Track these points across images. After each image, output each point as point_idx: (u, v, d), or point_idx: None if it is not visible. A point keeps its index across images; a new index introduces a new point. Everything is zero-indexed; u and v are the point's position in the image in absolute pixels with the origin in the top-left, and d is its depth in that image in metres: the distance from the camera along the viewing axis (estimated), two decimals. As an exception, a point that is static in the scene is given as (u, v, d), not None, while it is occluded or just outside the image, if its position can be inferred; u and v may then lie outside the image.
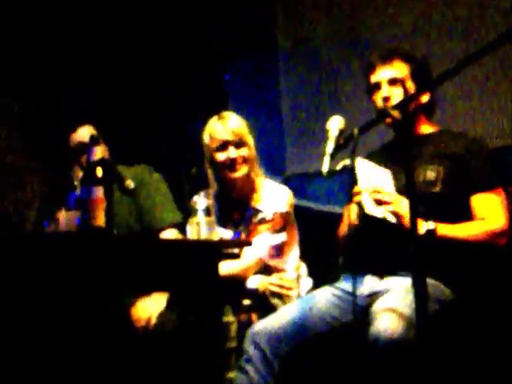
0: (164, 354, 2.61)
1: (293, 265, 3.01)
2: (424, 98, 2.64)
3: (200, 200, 2.51)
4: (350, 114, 2.47)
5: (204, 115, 3.15)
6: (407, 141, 2.05)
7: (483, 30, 3.43)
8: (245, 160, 2.98)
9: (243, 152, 2.98)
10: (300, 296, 2.90)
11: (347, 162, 2.36)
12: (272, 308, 2.81)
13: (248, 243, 2.61)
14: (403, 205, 2.40)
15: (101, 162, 2.50)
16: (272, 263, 2.97)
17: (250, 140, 3.02)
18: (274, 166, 3.97)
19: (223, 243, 2.64)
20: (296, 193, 3.17)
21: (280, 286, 2.91)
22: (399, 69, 2.61)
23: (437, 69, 2.63)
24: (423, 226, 2.40)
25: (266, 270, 2.96)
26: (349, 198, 2.49)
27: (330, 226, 2.82)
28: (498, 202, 2.52)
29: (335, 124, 2.32)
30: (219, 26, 4.39)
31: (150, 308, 2.79)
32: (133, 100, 4.15)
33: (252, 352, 2.47)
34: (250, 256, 2.90)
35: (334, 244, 2.77)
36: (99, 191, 2.41)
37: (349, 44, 3.99)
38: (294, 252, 3.04)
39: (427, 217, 2.42)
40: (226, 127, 2.98)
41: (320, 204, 3.96)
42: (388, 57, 2.63)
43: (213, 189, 3.03)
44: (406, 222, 2.37)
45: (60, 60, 3.92)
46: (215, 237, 2.52)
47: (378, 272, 2.55)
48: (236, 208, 3.03)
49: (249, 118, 3.11)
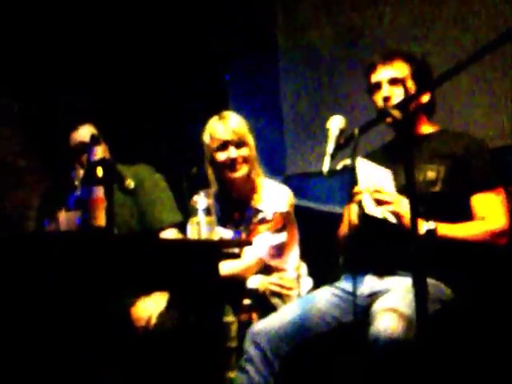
0: (164, 354, 2.61)
1: (293, 265, 3.01)
2: (424, 98, 2.64)
3: (200, 200, 2.51)
4: (350, 114, 2.46)
5: (204, 115, 3.14)
6: (407, 140, 2.04)
7: (484, 30, 3.44)
8: (245, 160, 2.98)
9: (243, 152, 2.97)
10: (300, 296, 2.91)
11: (347, 162, 2.36)
12: (272, 308, 2.81)
13: (248, 243, 2.60)
14: (403, 205, 2.40)
15: (101, 162, 2.50)
16: (272, 263, 2.97)
17: (251, 140, 3.02)
18: (274, 166, 3.97)
19: (223, 243, 2.64)
20: (296, 193, 3.16)
21: (280, 286, 2.91)
22: (400, 69, 2.61)
23: (437, 69, 2.64)
24: (423, 226, 2.40)
25: (267, 270, 2.96)
26: (349, 198, 2.49)
27: (331, 226, 2.82)
28: (498, 202, 2.52)
29: (336, 123, 2.31)
30: (219, 26, 4.39)
31: (150, 308, 2.79)
32: (133, 100, 4.14)
33: (252, 352, 2.47)
34: (251, 256, 2.90)
35: (335, 244, 2.77)
36: (99, 191, 2.40)
37: (349, 44, 3.99)
38: (295, 252, 3.04)
39: (427, 217, 2.42)
40: (227, 127, 2.98)
41: (320, 204, 3.95)
42: (389, 57, 2.63)
43: (213, 189, 3.03)
44: (407, 222, 2.37)
45: (60, 60, 3.92)
46: (215, 237, 2.52)
47: (379, 272, 2.55)
48: (236, 208, 3.03)
49: (249, 118, 3.11)
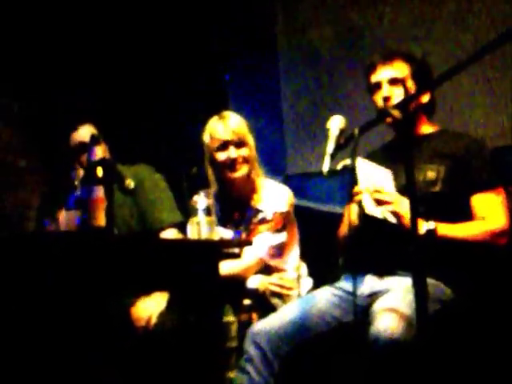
0: (164, 354, 2.61)
1: (293, 265, 3.01)
2: (424, 98, 2.64)
3: (200, 200, 2.50)
4: (350, 114, 2.46)
5: (204, 115, 3.14)
6: (407, 140, 2.04)
7: (484, 30, 3.43)
8: (245, 160, 2.98)
9: (243, 152, 2.97)
10: (300, 296, 2.90)
11: (348, 162, 2.36)
12: (272, 308, 2.81)
13: (248, 243, 2.59)
14: (403, 205, 2.40)
15: (101, 162, 2.50)
16: (272, 263, 2.97)
17: (251, 140, 3.02)
18: (275, 166, 3.96)
19: (223, 243, 2.63)
20: (296, 193, 3.17)
21: (280, 286, 2.91)
22: (400, 69, 2.61)
23: (437, 69, 2.64)
24: (423, 226, 2.40)
25: (267, 270, 2.96)
26: (349, 198, 2.49)
27: (331, 226, 2.82)
28: (498, 202, 2.52)
29: (336, 123, 2.31)
30: (219, 26, 4.39)
31: (150, 308, 2.79)
32: (133, 100, 4.14)
33: (252, 352, 2.47)
34: (251, 256, 2.90)
35: (335, 244, 2.77)
36: (99, 191, 2.41)
37: (349, 44, 3.99)
38: (295, 252, 3.04)
39: (427, 216, 2.41)
40: (227, 127, 2.98)
41: (320, 204, 3.95)
42: (389, 57, 2.63)
43: (213, 188, 3.03)
44: (406, 222, 2.36)
45: (60, 60, 3.92)
46: (215, 236, 2.52)
47: (379, 272, 2.55)
48: (236, 208, 3.03)
49: (249, 118, 3.11)
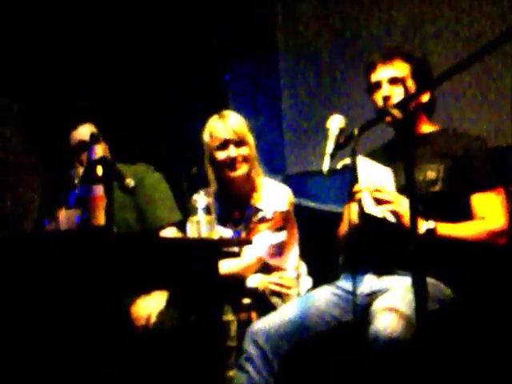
0: (164, 353, 2.61)
1: (293, 264, 3.01)
2: (424, 98, 2.64)
3: (200, 199, 2.50)
4: (350, 114, 2.46)
5: (204, 115, 3.14)
6: (407, 140, 2.04)
7: (484, 30, 3.43)
8: (245, 159, 2.98)
9: (243, 151, 2.97)
10: (300, 295, 2.90)
11: (347, 161, 2.36)
12: (272, 307, 2.81)
13: (248, 242, 2.60)
14: (403, 204, 2.39)
15: (101, 161, 2.50)
16: (272, 262, 2.97)
17: (251, 139, 3.02)
18: (274, 165, 3.97)
19: (223, 242, 2.63)
20: (296, 192, 3.17)
21: (280, 285, 2.91)
22: (400, 68, 2.61)
23: (437, 68, 2.64)
24: (423, 226, 2.39)
25: (266, 269, 2.96)
26: (349, 197, 2.49)
27: (330, 225, 2.82)
28: (498, 202, 2.52)
29: (335, 123, 2.31)
30: (219, 26, 4.39)
31: (150, 307, 2.78)
32: (133, 100, 4.14)
33: (252, 351, 2.47)
34: (250, 255, 2.90)
35: (334, 243, 2.77)
36: (99, 189, 2.41)
37: (349, 44, 3.99)
38: (294, 251, 3.04)
39: (427, 216, 2.41)
40: (227, 126, 2.98)
41: (320, 203, 3.96)
42: (389, 56, 2.63)
43: (213, 187, 3.03)
44: (406, 222, 2.36)
45: (60, 60, 3.92)
46: (215, 235, 2.52)
47: (378, 271, 2.55)
48: (236, 207, 3.03)
49: (249, 118, 3.11)
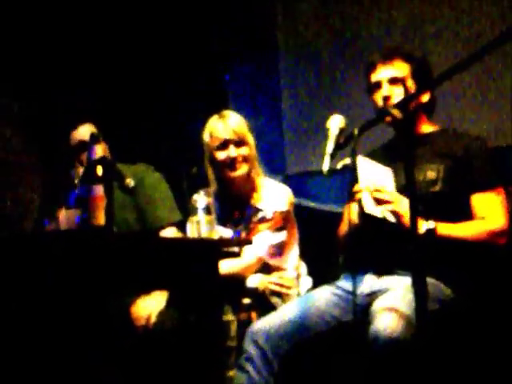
0: (164, 353, 2.60)
1: (293, 264, 3.01)
2: (424, 98, 2.64)
3: (200, 199, 2.50)
4: (350, 114, 2.46)
5: (204, 115, 3.14)
6: (407, 140, 2.04)
7: (484, 30, 3.43)
8: (245, 159, 2.97)
9: (243, 151, 2.97)
10: (300, 295, 2.90)
11: (347, 161, 2.36)
12: (272, 307, 2.81)
13: (248, 242, 2.60)
14: (403, 204, 2.39)
15: (101, 161, 2.50)
16: (272, 262, 2.97)
17: (251, 139, 3.01)
18: (274, 165, 3.97)
19: (223, 242, 2.63)
20: (296, 192, 3.17)
21: (280, 285, 2.91)
22: (400, 68, 2.60)
23: (437, 68, 2.64)
24: (423, 226, 2.39)
25: (266, 269, 2.96)
26: (349, 197, 2.49)
27: (330, 225, 2.82)
28: (498, 202, 2.52)
29: (335, 123, 2.31)
30: (219, 26, 4.39)
31: (150, 307, 2.78)
32: (133, 100, 4.14)
33: (252, 351, 2.47)
34: (250, 255, 2.90)
35: (334, 243, 2.77)
36: (99, 189, 2.41)
37: (349, 44, 3.99)
38: (294, 251, 3.04)
39: (427, 216, 2.41)
40: (227, 126, 2.98)
41: (320, 203, 3.96)
42: (388, 56, 2.63)
43: (213, 187, 3.03)
44: (406, 222, 2.36)
45: (60, 60, 3.92)
46: (215, 235, 2.52)
47: (378, 271, 2.55)
48: (236, 207, 3.03)
49: (249, 118, 3.11)
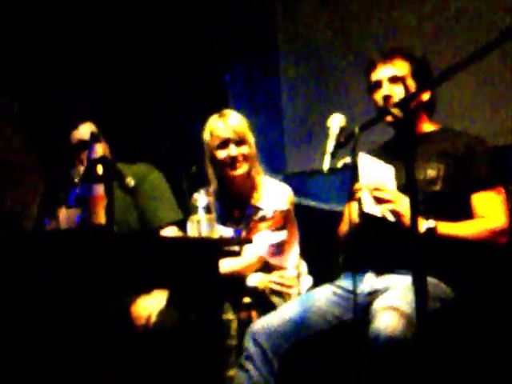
0: (164, 352, 2.60)
1: (293, 263, 3.01)
2: (425, 96, 2.64)
3: (200, 198, 2.50)
4: (350, 113, 2.46)
5: (204, 115, 3.14)
6: (408, 139, 2.04)
7: (484, 30, 3.44)
8: (245, 158, 2.97)
9: (244, 150, 2.97)
10: (300, 294, 2.90)
11: (348, 160, 2.36)
12: (272, 306, 2.81)
13: (248, 241, 2.60)
14: (403, 203, 2.39)
15: (101, 160, 2.50)
16: (272, 261, 2.97)
17: (251, 138, 3.02)
18: (275, 164, 3.97)
19: (223, 241, 2.63)
20: (296, 191, 3.17)
21: (280, 284, 2.91)
22: (400, 67, 2.61)
23: (437, 68, 2.64)
24: (423, 225, 2.39)
25: (266, 268, 2.96)
26: (349, 196, 2.49)
27: (331, 225, 2.82)
28: (499, 201, 2.52)
29: (336, 122, 2.32)
30: (219, 26, 4.39)
31: (150, 306, 2.78)
32: (133, 100, 4.14)
33: (252, 350, 2.47)
34: (251, 254, 2.90)
35: (335, 242, 2.77)
36: (99, 189, 2.41)
37: (349, 43, 3.99)
38: (295, 250, 3.04)
39: (427, 215, 2.41)
40: (227, 125, 2.98)
41: (320, 202, 3.96)
42: (389, 55, 2.63)
43: (213, 187, 3.03)
44: (406, 221, 2.36)
45: (60, 60, 3.92)
46: (215, 234, 2.52)
47: (379, 270, 2.55)
48: (236, 206, 3.03)
49: (249, 118, 3.11)
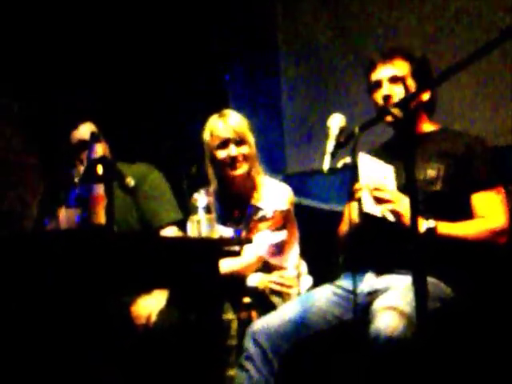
0: (164, 352, 2.61)
1: (293, 263, 3.01)
2: (425, 96, 2.64)
3: (200, 198, 2.50)
4: (350, 113, 2.46)
5: (204, 115, 3.14)
6: (408, 139, 2.04)
7: (484, 30, 3.44)
8: (245, 158, 2.97)
9: (244, 150, 2.97)
10: (300, 294, 2.90)
11: (348, 160, 2.36)
12: (272, 306, 2.81)
13: (248, 241, 2.60)
14: (403, 203, 2.39)
15: (101, 160, 2.50)
16: (272, 261, 2.97)
17: (251, 138, 3.02)
18: (275, 164, 3.97)
19: (224, 241, 2.63)
20: (296, 191, 3.17)
21: (280, 284, 2.91)
22: (400, 67, 2.61)
23: (437, 68, 2.64)
24: (423, 225, 2.39)
25: (267, 268, 2.96)
26: (349, 196, 2.49)
27: (331, 224, 2.82)
28: (499, 201, 2.52)
29: (336, 122, 2.32)
30: (219, 26, 4.39)
31: (151, 306, 2.78)
32: (133, 100, 4.14)
33: (252, 350, 2.47)
34: (251, 254, 2.90)
35: (335, 242, 2.77)
36: (100, 189, 2.41)
37: (349, 43, 3.99)
38: (294, 250, 3.04)
39: (427, 215, 2.41)
40: (227, 125, 2.98)
41: (320, 202, 3.96)
42: (388, 55, 2.63)
43: (213, 186, 3.03)
44: (406, 221, 2.36)
45: (60, 60, 3.92)
46: (215, 234, 2.52)
47: (379, 270, 2.55)
48: (236, 206, 3.03)
49: (249, 118, 3.11)
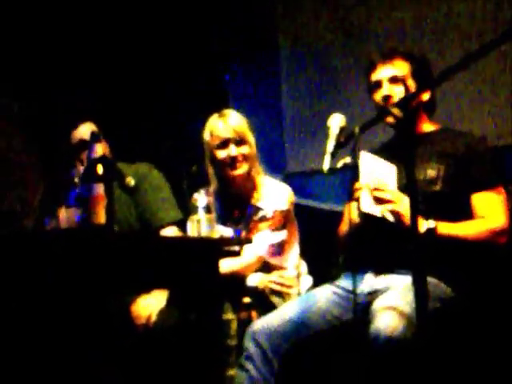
0: (164, 352, 2.61)
1: (293, 263, 3.01)
2: (425, 97, 2.64)
3: (200, 197, 2.50)
4: (350, 113, 2.46)
5: (204, 115, 3.14)
6: (408, 139, 2.04)
7: (484, 30, 3.44)
8: (245, 158, 2.97)
9: (244, 150, 2.97)
10: (300, 294, 2.91)
11: (348, 160, 2.36)
12: (272, 306, 2.81)
13: (248, 241, 2.60)
14: (404, 203, 2.39)
15: (101, 160, 2.51)
16: (272, 261, 2.97)
17: (251, 138, 3.01)
18: (275, 164, 3.97)
19: (223, 241, 2.63)
20: (296, 191, 3.17)
21: (280, 284, 2.91)
22: (400, 67, 2.61)
23: (437, 68, 2.64)
24: (423, 225, 2.39)
25: (266, 268, 2.96)
26: (349, 196, 2.49)
27: (331, 224, 2.82)
28: (499, 201, 2.52)
29: (336, 122, 2.32)
30: (219, 26, 4.39)
31: (151, 305, 2.78)
32: (133, 99, 4.15)
33: (252, 350, 2.48)
34: (251, 254, 2.90)
35: (335, 242, 2.77)
36: (100, 188, 2.41)
37: (349, 43, 4.00)
38: (295, 250, 3.04)
39: (427, 215, 2.41)
40: (227, 125, 2.98)
41: (320, 202, 3.96)
42: (389, 55, 2.63)
43: (213, 186, 3.03)
44: (406, 221, 2.36)
45: (60, 60, 3.92)
46: (215, 234, 2.52)
47: (379, 270, 2.55)
48: (236, 206, 3.03)
49: (249, 117, 3.11)
